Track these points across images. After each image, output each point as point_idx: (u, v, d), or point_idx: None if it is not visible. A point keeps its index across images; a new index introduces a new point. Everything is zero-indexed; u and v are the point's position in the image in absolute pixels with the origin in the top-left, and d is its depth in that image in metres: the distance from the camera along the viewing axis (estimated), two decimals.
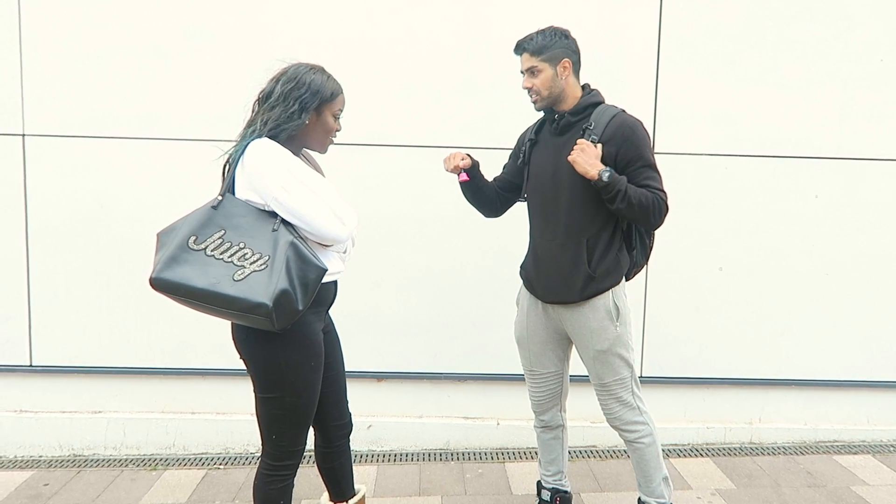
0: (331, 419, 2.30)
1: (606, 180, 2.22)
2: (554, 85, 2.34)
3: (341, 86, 2.12)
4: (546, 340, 2.54)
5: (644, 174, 2.29)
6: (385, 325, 3.45)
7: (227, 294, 1.84)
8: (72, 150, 3.31)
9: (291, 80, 2.02)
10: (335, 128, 2.12)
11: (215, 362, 3.40)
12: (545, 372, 2.57)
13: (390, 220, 3.36)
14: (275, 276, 1.85)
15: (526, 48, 2.35)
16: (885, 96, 3.42)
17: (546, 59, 2.33)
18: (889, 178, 3.47)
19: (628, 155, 2.28)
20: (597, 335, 2.38)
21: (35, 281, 3.38)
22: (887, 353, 3.58)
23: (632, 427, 2.44)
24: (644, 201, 2.24)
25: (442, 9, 3.30)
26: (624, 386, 2.42)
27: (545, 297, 2.46)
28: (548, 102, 2.38)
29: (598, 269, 2.35)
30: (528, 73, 2.36)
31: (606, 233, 2.36)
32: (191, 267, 1.88)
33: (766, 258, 3.50)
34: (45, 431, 3.43)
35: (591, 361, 2.43)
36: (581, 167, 2.24)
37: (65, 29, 3.25)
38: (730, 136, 3.42)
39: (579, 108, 2.37)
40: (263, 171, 1.94)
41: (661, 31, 3.36)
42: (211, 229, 1.92)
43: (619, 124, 2.30)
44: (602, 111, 2.35)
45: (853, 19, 3.38)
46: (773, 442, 3.60)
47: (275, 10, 3.27)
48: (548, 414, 2.63)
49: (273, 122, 1.99)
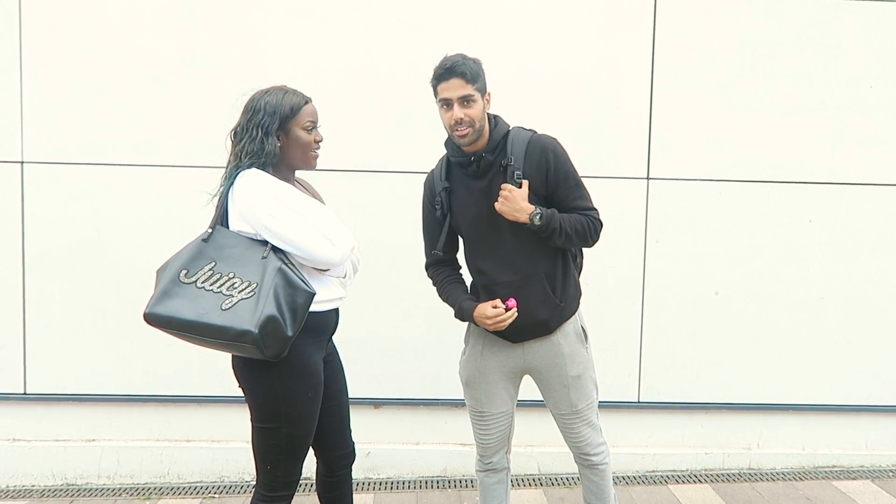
0: (333, 448, 2.27)
1: (538, 223, 2.14)
2: (483, 118, 2.17)
3: (306, 97, 2.08)
4: (500, 379, 2.38)
5: (573, 194, 2.22)
6: (382, 351, 3.44)
7: (214, 324, 1.85)
8: (70, 177, 3.32)
9: (249, 109, 2.03)
10: (311, 139, 2.08)
11: (211, 389, 3.38)
12: (496, 412, 2.39)
13: (388, 246, 3.37)
14: (261, 303, 1.85)
15: (463, 73, 2.11)
16: (876, 122, 3.46)
17: (478, 88, 2.15)
18: (881, 202, 3.50)
19: (557, 177, 2.20)
20: (570, 361, 2.31)
21: (31, 308, 3.36)
22: (885, 378, 3.59)
23: (597, 449, 2.39)
24: (580, 228, 2.20)
25: (438, 38, 3.34)
26: (593, 409, 2.38)
27: (516, 337, 2.31)
28: (474, 137, 2.17)
29: (563, 297, 2.29)
30: (461, 102, 2.12)
31: (558, 259, 2.29)
32: (181, 300, 1.89)
33: (761, 283, 3.51)
34: (39, 460, 3.39)
35: (563, 390, 2.32)
36: (510, 216, 2.15)
37: (65, 57, 3.28)
38: (723, 161, 3.45)
39: (493, 144, 2.20)
40: (251, 200, 1.95)
41: (654, 58, 3.40)
42: (201, 262, 1.94)
43: (540, 150, 2.19)
44: (514, 139, 2.21)
45: (843, 47, 3.43)
46: (771, 467, 3.58)
47: (273, 39, 3.31)
48: (496, 456, 2.45)
49: (247, 155, 1.99)
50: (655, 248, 3.45)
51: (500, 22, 3.33)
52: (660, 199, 3.45)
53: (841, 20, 3.42)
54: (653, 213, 3.44)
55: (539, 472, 3.49)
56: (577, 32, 3.36)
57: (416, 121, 3.35)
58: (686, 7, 3.39)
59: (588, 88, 3.35)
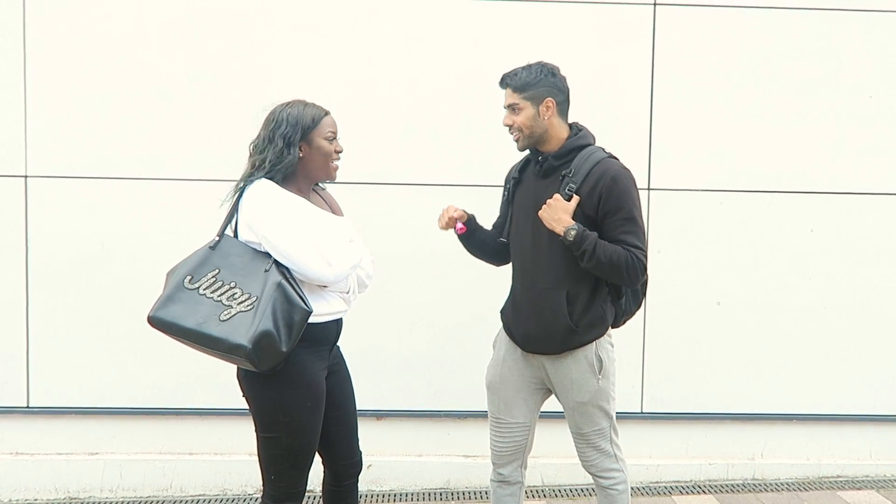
0: (340, 457, 2.28)
1: (571, 239, 2.14)
2: (535, 124, 2.24)
3: (325, 109, 2.13)
4: (520, 388, 2.39)
5: (622, 227, 2.19)
6: (385, 363, 3.43)
7: (211, 334, 1.89)
8: (74, 191, 3.33)
9: (271, 121, 2.07)
10: (333, 150, 2.12)
11: (214, 402, 3.38)
12: (513, 422, 2.40)
13: (390, 258, 3.36)
14: (258, 317, 1.88)
15: (509, 83, 2.25)
16: (876, 132, 3.47)
17: (528, 97, 2.22)
18: (882, 211, 3.50)
19: (608, 206, 2.18)
20: (577, 387, 2.28)
21: (34, 321, 3.37)
22: (889, 387, 3.58)
23: (607, 474, 2.36)
24: (616, 259, 2.14)
25: (440, 50, 3.37)
26: (602, 436, 2.34)
27: (524, 346, 2.35)
28: (530, 142, 2.27)
29: (580, 323, 2.24)
30: (510, 109, 2.26)
31: (589, 283, 2.25)
32: (183, 306, 1.93)
33: (763, 292, 3.51)
34: (41, 474, 3.39)
35: (570, 411, 2.34)
36: (548, 223, 2.18)
37: (68, 72, 3.30)
38: (724, 171, 3.46)
39: (563, 151, 2.26)
40: (257, 210, 1.99)
41: (654, 68, 3.42)
42: (206, 268, 1.97)
43: (601, 173, 2.20)
44: (585, 156, 2.24)
45: (843, 57, 3.45)
46: (776, 478, 3.57)
47: (277, 52, 3.34)
48: (508, 468, 2.43)
49: (268, 165, 2.02)
50: (657, 258, 3.45)
51: (502, 34, 3.35)
52: (661, 210, 3.45)
53: (840, 30, 3.44)
54: (654, 223, 3.44)
55: (543, 483, 3.48)
56: (577, 44, 3.38)
57: (418, 133, 3.37)
58: (685, 19, 3.41)
59: (588, 99, 3.35)
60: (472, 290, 3.42)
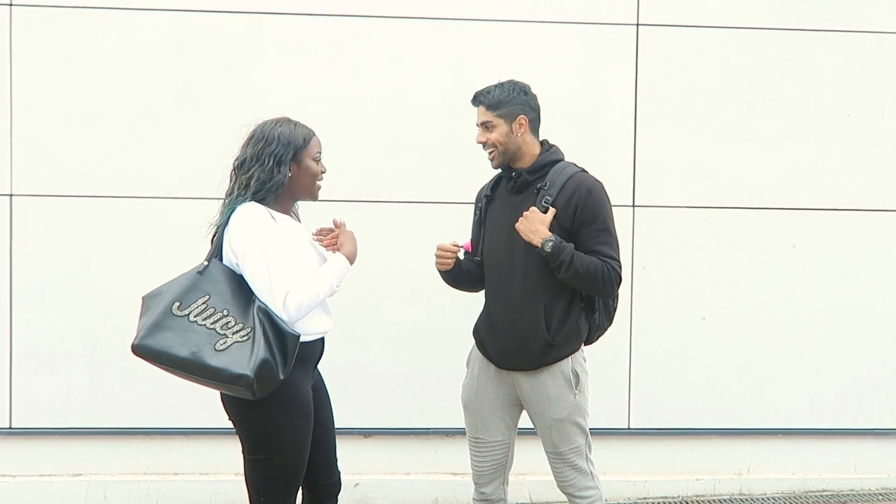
0: (320, 478, 2.25)
1: (549, 250, 2.16)
2: (509, 141, 2.27)
3: (312, 129, 2.13)
4: (495, 407, 2.39)
5: (597, 238, 2.23)
6: (372, 380, 3.43)
7: (209, 364, 1.85)
8: (59, 210, 3.32)
9: (261, 139, 2.04)
10: (319, 170, 2.13)
11: (200, 421, 3.34)
12: (491, 440, 2.40)
13: (377, 275, 3.38)
14: (256, 347, 1.86)
15: (482, 101, 2.29)
16: (855, 149, 3.53)
17: (501, 114, 2.26)
18: (861, 227, 3.55)
19: (584, 216, 2.23)
20: (555, 403, 2.28)
21: (18, 341, 3.34)
22: (872, 401, 3.61)
23: (584, 492, 2.36)
24: (592, 270, 2.18)
25: (426, 68, 3.40)
26: (579, 453, 2.34)
27: (500, 363, 2.35)
28: (504, 159, 2.31)
29: (557, 336, 2.26)
30: (483, 127, 2.30)
31: (564, 297, 2.28)
32: (173, 334, 1.88)
33: (747, 307, 3.54)
34: (24, 496, 3.34)
35: (546, 430, 2.33)
36: (525, 235, 2.20)
37: (54, 90, 3.30)
38: (708, 188, 3.50)
39: (537, 166, 2.30)
40: (240, 234, 1.97)
41: (637, 87, 3.47)
42: (195, 294, 1.93)
43: (577, 185, 2.25)
44: (559, 170, 2.29)
45: (821, 76, 3.51)
46: (762, 493, 3.58)
47: (263, 71, 3.35)
48: (490, 486, 2.43)
49: (255, 184, 2.00)
50: (642, 274, 3.48)
51: (486, 54, 3.39)
52: (645, 226, 3.49)
53: (819, 51, 3.51)
54: (639, 239, 3.47)
55: (530, 500, 3.47)
56: (561, 64, 3.42)
57: (403, 151, 3.39)
58: (667, 39, 3.47)
59: (573, 118, 3.40)
60: (460, 307, 3.42)
